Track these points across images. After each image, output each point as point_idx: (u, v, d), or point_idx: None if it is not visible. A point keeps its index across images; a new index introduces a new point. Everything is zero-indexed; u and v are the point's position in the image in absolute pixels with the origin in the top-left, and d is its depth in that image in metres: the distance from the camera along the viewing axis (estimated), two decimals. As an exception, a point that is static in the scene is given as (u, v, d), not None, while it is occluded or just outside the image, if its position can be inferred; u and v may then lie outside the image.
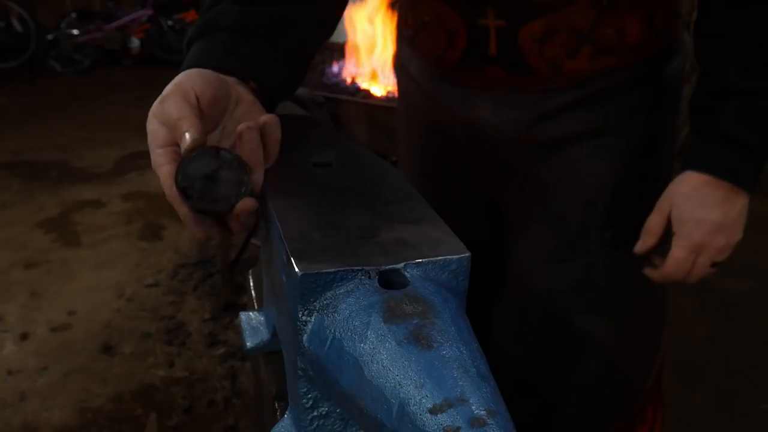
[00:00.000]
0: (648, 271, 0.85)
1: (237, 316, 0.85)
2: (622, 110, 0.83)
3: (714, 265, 0.81)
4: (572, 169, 0.86)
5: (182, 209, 0.52)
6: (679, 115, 0.92)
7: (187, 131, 0.50)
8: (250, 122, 0.51)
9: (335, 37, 1.29)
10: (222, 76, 0.57)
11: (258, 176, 0.52)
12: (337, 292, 0.46)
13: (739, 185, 0.76)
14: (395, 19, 1.06)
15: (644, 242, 0.83)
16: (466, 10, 0.81)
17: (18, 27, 6.16)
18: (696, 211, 0.77)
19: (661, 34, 0.81)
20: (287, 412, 0.57)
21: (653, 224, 0.82)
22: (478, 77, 0.85)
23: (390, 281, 0.47)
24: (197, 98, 0.53)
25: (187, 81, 0.55)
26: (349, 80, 2.42)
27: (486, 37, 0.81)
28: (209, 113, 0.54)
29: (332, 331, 0.45)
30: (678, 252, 0.79)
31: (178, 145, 0.51)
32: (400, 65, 1.03)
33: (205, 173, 0.49)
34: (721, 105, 0.74)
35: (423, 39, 0.90)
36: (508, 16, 0.78)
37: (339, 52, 2.52)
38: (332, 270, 0.46)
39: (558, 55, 0.79)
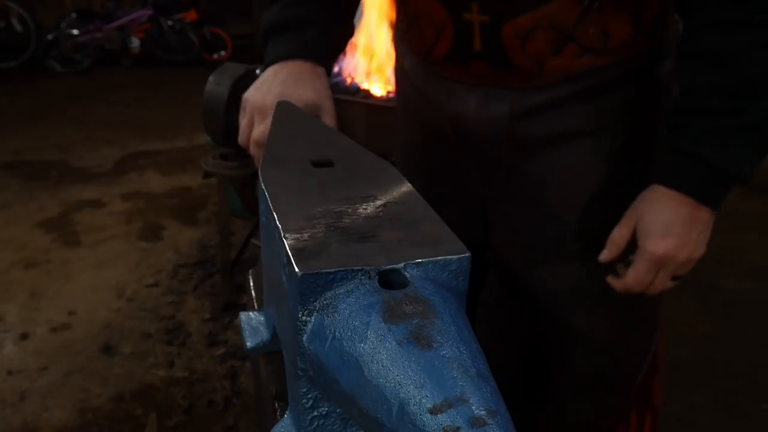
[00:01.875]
0: (610, 280, 0.85)
1: (237, 316, 0.85)
2: (609, 110, 0.84)
3: (675, 278, 0.81)
4: (558, 169, 0.87)
5: None
6: (660, 121, 0.92)
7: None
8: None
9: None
10: (313, 69, 0.84)
11: None
12: (337, 292, 0.46)
13: (702, 202, 0.76)
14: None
15: (609, 252, 0.83)
16: (452, 5, 0.82)
17: (18, 27, 6.17)
18: (661, 225, 0.77)
19: (650, 36, 0.82)
20: (287, 412, 0.57)
21: (618, 236, 0.82)
22: (465, 72, 0.86)
23: (390, 281, 0.47)
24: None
25: (295, 95, 0.81)
26: (349, 80, 2.42)
27: (471, 32, 0.81)
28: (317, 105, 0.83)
29: (332, 331, 0.45)
30: (640, 264, 0.80)
31: None
32: (396, 61, 1.04)
33: None
34: (689, 122, 0.75)
35: (414, 33, 0.91)
36: (491, 12, 0.79)
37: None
38: (332, 270, 0.45)
39: (541, 52, 0.79)
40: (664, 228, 0.76)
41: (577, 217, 0.88)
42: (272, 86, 0.81)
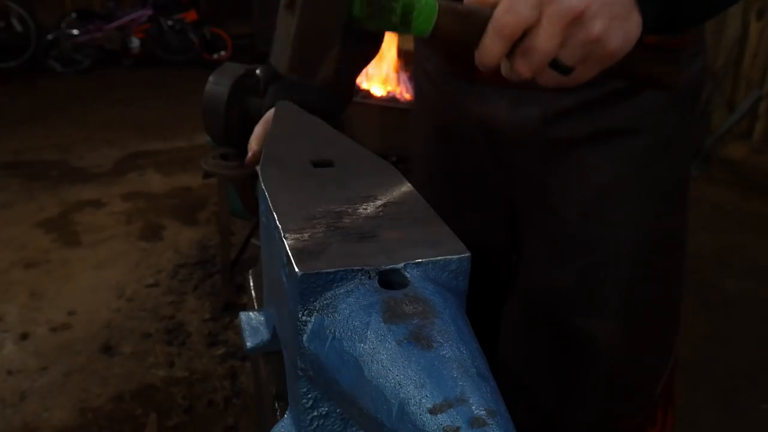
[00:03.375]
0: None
1: (237, 316, 0.86)
2: (636, 111, 0.83)
3: (559, 67, 0.56)
4: (585, 170, 0.85)
5: None
6: (696, 119, 0.90)
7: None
8: None
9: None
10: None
11: None
12: (337, 292, 0.46)
13: None
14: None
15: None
16: None
17: (18, 27, 6.17)
18: None
19: (677, 37, 0.80)
20: (287, 412, 0.57)
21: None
22: (494, 76, 0.85)
23: (390, 281, 0.47)
24: None
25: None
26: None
27: None
28: None
29: (332, 331, 0.45)
30: None
31: None
32: (418, 65, 1.03)
33: None
34: None
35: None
36: None
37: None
38: (332, 270, 0.45)
39: None
40: None
41: (606, 221, 0.87)
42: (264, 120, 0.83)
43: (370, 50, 0.97)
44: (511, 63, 0.57)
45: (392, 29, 0.55)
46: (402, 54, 2.75)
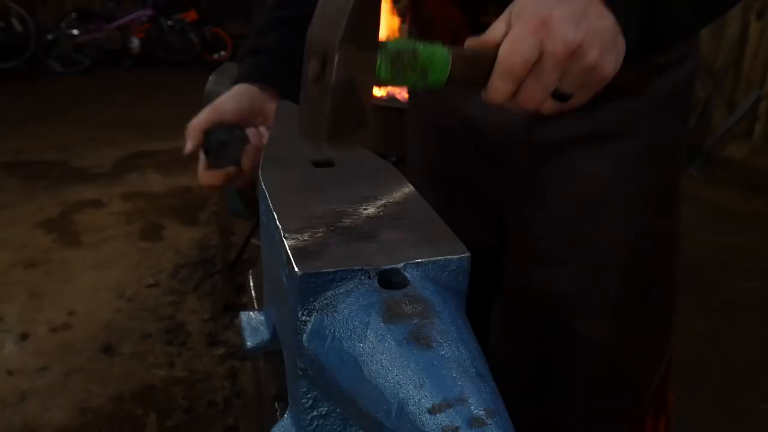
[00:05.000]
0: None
1: (237, 316, 0.85)
2: (626, 114, 0.82)
3: (559, 95, 0.60)
4: (573, 172, 0.85)
5: (201, 166, 0.78)
6: (688, 120, 0.90)
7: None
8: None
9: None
10: (260, 93, 0.81)
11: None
12: (337, 292, 0.46)
13: None
14: (396, 17, 1.07)
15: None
16: (468, 7, 0.81)
17: (18, 27, 6.17)
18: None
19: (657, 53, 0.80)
20: (287, 412, 0.57)
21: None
22: None
23: (390, 281, 0.47)
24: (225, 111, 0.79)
25: (224, 100, 0.80)
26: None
27: None
28: (244, 116, 0.79)
29: (332, 330, 0.45)
30: (517, 29, 0.56)
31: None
32: None
33: (220, 140, 0.76)
34: None
35: (429, 35, 0.90)
36: None
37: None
38: (332, 270, 0.46)
39: None
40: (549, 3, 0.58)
41: (596, 222, 0.86)
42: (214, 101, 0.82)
43: None
44: (516, 98, 0.60)
45: (411, 85, 0.58)
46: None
